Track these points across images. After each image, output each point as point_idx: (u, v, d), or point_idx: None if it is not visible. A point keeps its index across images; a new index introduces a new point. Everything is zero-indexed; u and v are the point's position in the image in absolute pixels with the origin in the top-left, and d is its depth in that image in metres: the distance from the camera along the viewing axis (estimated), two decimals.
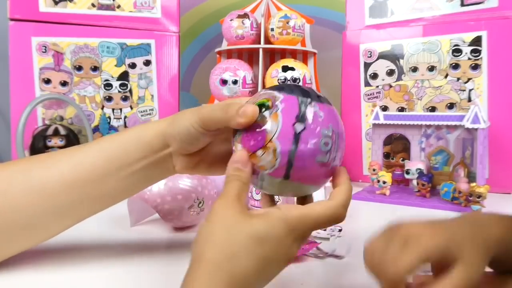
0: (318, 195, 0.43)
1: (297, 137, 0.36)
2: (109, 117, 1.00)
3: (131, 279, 0.45)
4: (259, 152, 0.36)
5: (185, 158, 0.45)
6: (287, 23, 0.91)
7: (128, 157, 0.45)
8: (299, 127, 0.36)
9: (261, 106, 0.37)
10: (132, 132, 0.46)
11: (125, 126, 1.01)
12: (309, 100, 0.37)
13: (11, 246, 0.47)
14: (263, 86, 0.93)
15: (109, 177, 0.45)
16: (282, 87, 0.39)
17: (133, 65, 1.00)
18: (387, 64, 0.98)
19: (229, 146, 0.43)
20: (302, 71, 0.90)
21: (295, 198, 0.41)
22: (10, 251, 0.47)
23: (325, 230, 0.60)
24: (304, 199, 0.40)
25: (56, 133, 0.93)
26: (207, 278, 0.30)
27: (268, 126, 0.36)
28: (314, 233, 0.59)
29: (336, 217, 0.36)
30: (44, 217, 0.46)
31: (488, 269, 0.35)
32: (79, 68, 0.98)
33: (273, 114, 0.36)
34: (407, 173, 0.85)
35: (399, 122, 0.87)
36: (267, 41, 0.95)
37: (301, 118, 0.36)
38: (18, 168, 0.47)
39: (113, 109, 1.00)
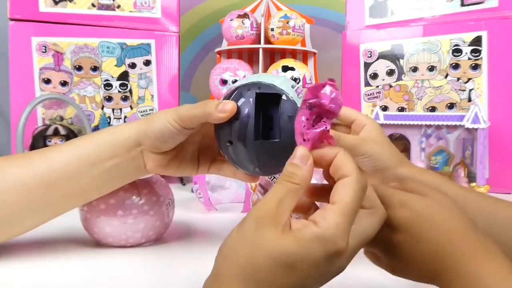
0: None
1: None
2: (109, 117, 1.00)
3: (131, 280, 0.45)
4: None
5: (157, 156, 0.47)
6: (287, 23, 0.91)
7: (100, 154, 0.47)
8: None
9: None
10: (107, 130, 0.48)
11: None
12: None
13: None
14: None
15: (82, 174, 0.47)
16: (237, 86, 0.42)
17: (133, 65, 1.00)
18: (387, 64, 0.98)
19: (198, 147, 0.49)
20: (302, 71, 0.90)
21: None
22: None
23: None
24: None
25: (56, 133, 0.93)
26: None
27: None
28: None
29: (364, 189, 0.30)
30: (21, 213, 0.47)
31: None
32: (79, 68, 0.98)
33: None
34: None
35: (399, 122, 0.87)
36: (267, 41, 0.95)
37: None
38: None
39: (113, 109, 1.00)
